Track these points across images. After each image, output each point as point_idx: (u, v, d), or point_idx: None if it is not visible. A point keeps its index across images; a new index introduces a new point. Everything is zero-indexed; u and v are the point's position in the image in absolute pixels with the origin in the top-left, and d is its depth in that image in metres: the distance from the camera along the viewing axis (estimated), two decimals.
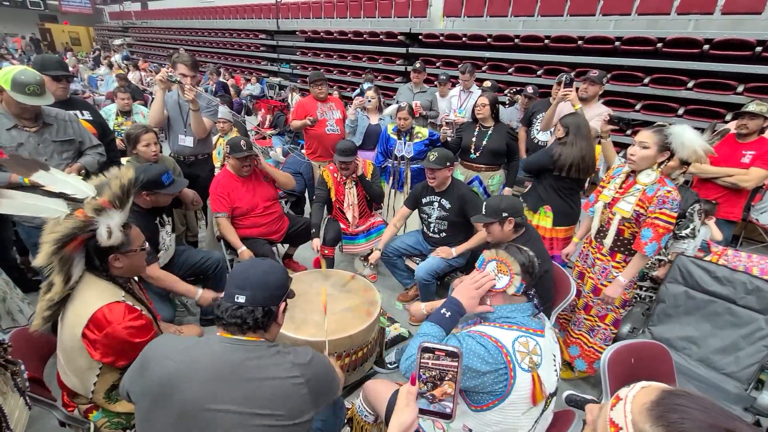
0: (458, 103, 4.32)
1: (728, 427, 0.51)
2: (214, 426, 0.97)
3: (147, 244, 1.54)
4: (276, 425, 1.00)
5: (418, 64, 4.46)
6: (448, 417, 0.86)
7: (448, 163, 2.56)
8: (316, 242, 2.91)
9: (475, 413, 1.18)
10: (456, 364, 0.83)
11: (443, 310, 1.27)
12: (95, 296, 1.31)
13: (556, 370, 1.26)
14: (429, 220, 2.79)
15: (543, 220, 2.75)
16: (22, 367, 1.32)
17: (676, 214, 1.85)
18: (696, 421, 0.52)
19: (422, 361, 0.85)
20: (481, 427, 1.20)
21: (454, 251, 2.64)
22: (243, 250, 2.68)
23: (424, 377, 0.86)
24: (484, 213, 2.04)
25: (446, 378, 0.84)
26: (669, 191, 1.83)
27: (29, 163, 1.37)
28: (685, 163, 2.40)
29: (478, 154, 3.20)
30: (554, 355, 1.27)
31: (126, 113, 4.36)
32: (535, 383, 1.13)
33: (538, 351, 1.17)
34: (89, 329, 1.27)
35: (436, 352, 0.83)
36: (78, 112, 2.61)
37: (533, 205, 2.72)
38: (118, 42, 17.75)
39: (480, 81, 4.80)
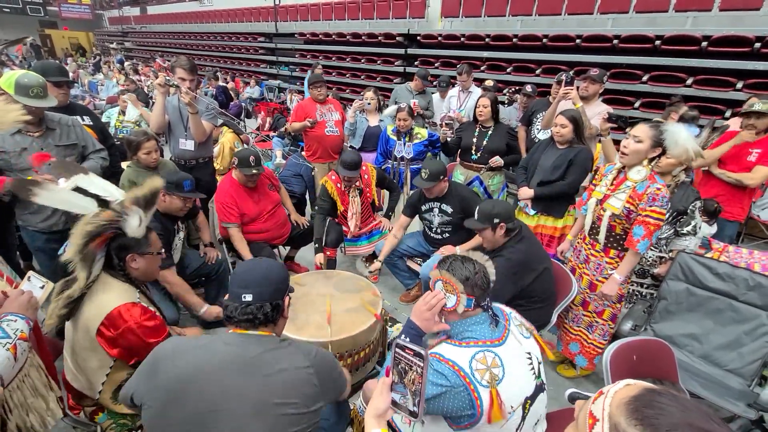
0: (458, 103, 4.33)
1: (705, 427, 0.50)
2: (231, 420, 0.99)
3: (163, 250, 1.61)
4: (291, 413, 1.03)
5: (422, 72, 4.49)
6: (414, 415, 0.94)
7: (441, 177, 2.56)
8: (319, 257, 2.81)
9: None
10: (422, 363, 0.91)
11: (403, 336, 1.29)
12: (112, 296, 1.36)
13: (533, 369, 1.23)
14: (431, 225, 2.79)
15: (543, 219, 2.76)
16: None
17: (665, 211, 1.87)
18: (671, 418, 0.52)
19: (395, 356, 0.95)
20: None
21: (458, 250, 2.64)
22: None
23: (396, 370, 0.96)
24: (476, 218, 2.05)
25: (412, 372, 0.94)
26: (659, 188, 1.85)
27: (71, 167, 1.59)
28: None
29: (478, 155, 3.21)
30: (528, 354, 1.25)
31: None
32: (492, 401, 1.11)
33: (498, 363, 1.15)
34: (105, 327, 1.32)
35: (406, 350, 0.93)
36: (78, 118, 2.62)
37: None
38: (113, 46, 17.88)
39: (479, 81, 4.80)
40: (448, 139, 3.29)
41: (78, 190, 1.49)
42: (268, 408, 1.01)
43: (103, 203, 1.42)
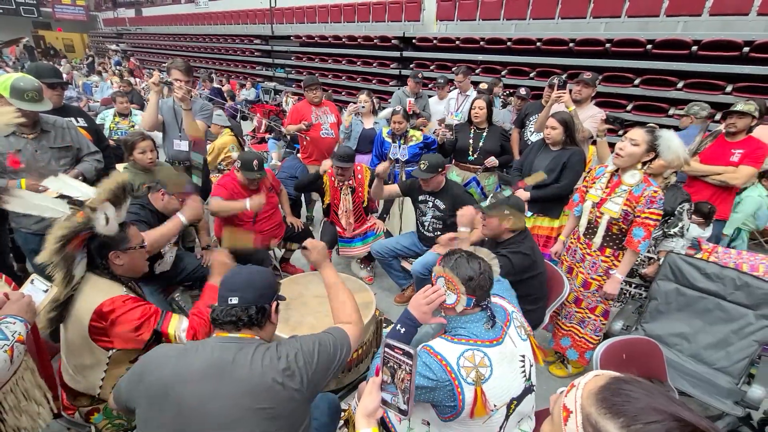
0: (455, 105, 4.35)
1: (669, 410, 0.54)
2: (210, 423, 1.00)
3: (145, 242, 1.59)
4: (271, 418, 1.03)
5: (417, 75, 4.51)
6: (404, 413, 0.96)
7: (440, 169, 2.60)
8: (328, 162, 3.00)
9: (443, 423, 1.21)
10: (411, 362, 0.92)
11: (398, 326, 1.30)
12: (98, 292, 1.37)
13: (524, 371, 1.25)
14: (424, 218, 2.82)
15: (539, 220, 2.79)
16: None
17: (662, 212, 1.93)
18: (638, 403, 0.56)
19: (385, 355, 0.96)
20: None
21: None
22: (246, 201, 2.60)
23: (386, 369, 0.98)
24: (488, 204, 2.06)
25: (401, 370, 0.95)
26: (655, 191, 1.91)
27: (42, 171, 1.61)
28: None
29: (475, 156, 3.24)
30: (522, 357, 1.26)
31: (124, 115, 4.46)
32: (476, 398, 1.12)
33: (486, 363, 1.16)
34: (95, 321, 1.33)
35: (396, 350, 0.95)
36: (72, 119, 2.62)
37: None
38: (114, 47, 17.82)
39: (476, 84, 4.84)
40: (445, 140, 3.32)
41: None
42: (247, 412, 1.01)
43: (75, 204, 1.40)
